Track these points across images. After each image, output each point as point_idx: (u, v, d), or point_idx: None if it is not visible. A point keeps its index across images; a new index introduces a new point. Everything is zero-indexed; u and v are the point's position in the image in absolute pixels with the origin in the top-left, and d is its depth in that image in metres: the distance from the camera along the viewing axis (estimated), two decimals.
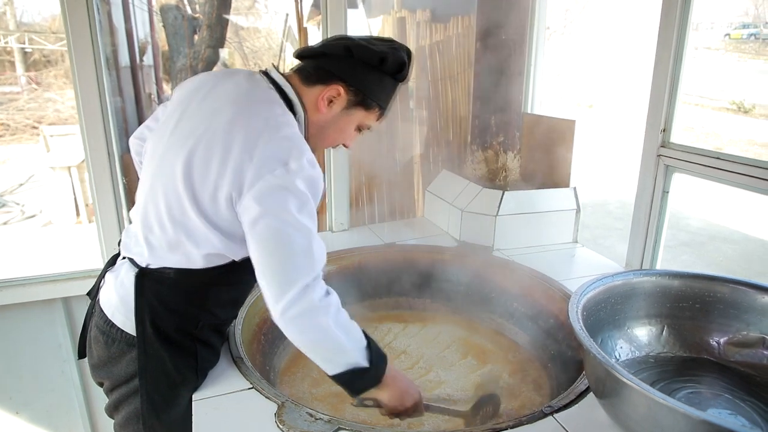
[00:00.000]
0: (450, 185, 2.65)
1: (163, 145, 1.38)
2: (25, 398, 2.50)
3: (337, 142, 1.52)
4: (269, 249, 1.26)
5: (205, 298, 1.42)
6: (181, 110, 1.40)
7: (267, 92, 1.38)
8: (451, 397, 1.74)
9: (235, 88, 1.37)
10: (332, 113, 1.43)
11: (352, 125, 1.48)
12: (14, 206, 7.50)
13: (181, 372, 1.41)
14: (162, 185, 1.33)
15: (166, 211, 1.32)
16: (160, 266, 1.37)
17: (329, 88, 1.39)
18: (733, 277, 1.46)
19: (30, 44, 11.38)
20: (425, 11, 3.19)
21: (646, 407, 1.07)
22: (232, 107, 1.32)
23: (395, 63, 1.40)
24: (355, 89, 1.40)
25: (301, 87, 1.42)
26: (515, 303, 2.12)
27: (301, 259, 1.26)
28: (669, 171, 2.01)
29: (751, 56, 18.57)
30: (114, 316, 1.41)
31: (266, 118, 1.31)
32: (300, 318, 1.25)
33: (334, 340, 1.29)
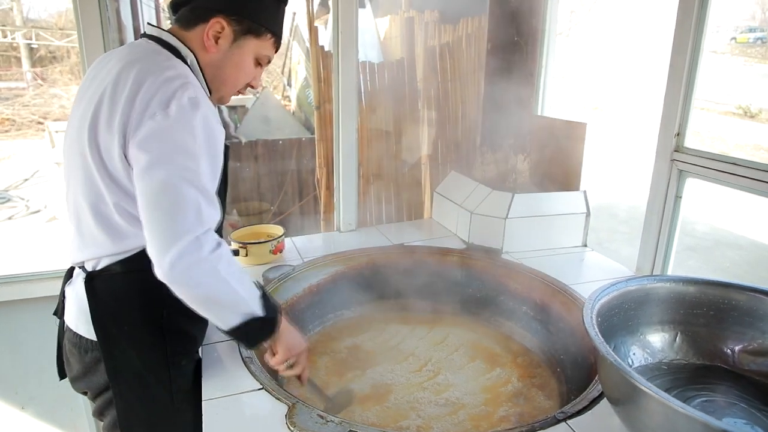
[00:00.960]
0: (459, 187, 2.64)
1: (67, 141, 1.37)
2: (30, 393, 2.50)
3: (239, 80, 1.46)
4: (153, 200, 1.18)
5: (160, 284, 1.21)
6: (77, 101, 1.39)
7: (147, 45, 1.35)
8: (459, 401, 1.72)
9: (117, 54, 1.34)
10: (222, 49, 1.38)
11: (248, 58, 1.42)
12: (19, 201, 7.50)
13: (151, 369, 1.39)
14: (74, 177, 1.32)
15: (86, 196, 1.30)
16: (106, 264, 1.34)
17: (210, 23, 1.34)
18: (749, 284, 1.44)
19: (36, 40, 11.40)
20: (434, 12, 3.18)
21: (664, 415, 1.06)
22: (116, 67, 1.28)
23: None
24: (237, 17, 1.36)
25: (183, 33, 1.37)
26: (524, 306, 2.11)
27: (187, 209, 1.18)
28: (682, 176, 1.99)
29: (758, 60, 18.53)
30: (78, 328, 1.40)
31: (148, 63, 1.27)
32: (189, 271, 1.17)
33: (229, 291, 1.24)
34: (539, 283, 2.10)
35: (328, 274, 2.22)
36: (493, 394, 1.76)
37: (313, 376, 1.83)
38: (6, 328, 2.37)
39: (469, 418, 1.64)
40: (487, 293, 2.21)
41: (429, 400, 1.71)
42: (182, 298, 1.21)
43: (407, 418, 1.63)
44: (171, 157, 1.18)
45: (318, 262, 2.22)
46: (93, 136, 1.26)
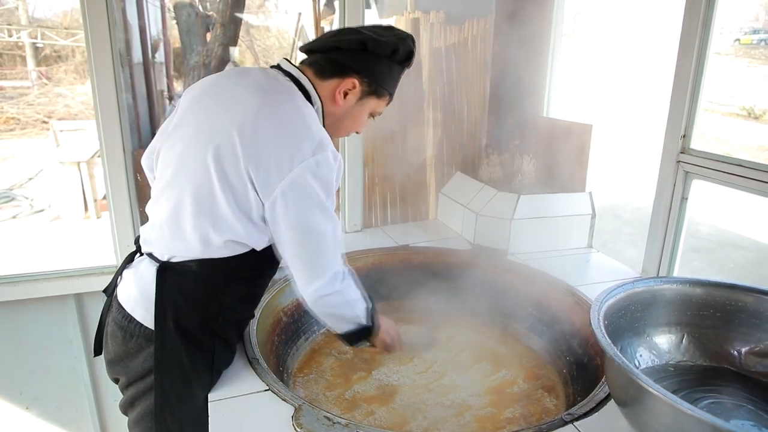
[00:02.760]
0: (464, 188, 2.64)
1: (183, 142, 1.39)
2: (35, 394, 2.51)
3: (351, 130, 1.61)
4: (301, 238, 1.37)
5: (226, 290, 1.43)
6: (197, 110, 1.42)
7: (286, 84, 1.43)
8: (465, 402, 1.72)
9: (255, 82, 1.42)
10: (348, 105, 1.50)
11: (366, 113, 1.56)
12: (23, 200, 7.52)
13: (196, 369, 1.41)
14: (188, 177, 1.34)
15: (194, 203, 1.34)
16: (182, 259, 1.37)
17: (345, 81, 1.46)
18: (756, 286, 1.44)
19: (42, 39, 11.42)
20: (439, 13, 3.18)
21: (671, 417, 1.06)
22: (257, 98, 1.36)
23: (405, 53, 1.49)
24: (369, 80, 1.48)
25: (316, 80, 1.47)
26: (530, 307, 2.11)
27: (329, 248, 1.40)
28: (688, 177, 1.99)
29: (761, 62, 18.47)
30: (134, 311, 1.41)
31: (291, 108, 1.36)
32: (328, 299, 1.43)
33: (351, 311, 1.52)
34: (545, 285, 2.10)
35: None
36: (500, 395, 1.76)
37: (319, 378, 1.84)
38: (10, 327, 2.38)
39: (475, 420, 1.64)
40: (493, 294, 2.20)
41: (435, 402, 1.71)
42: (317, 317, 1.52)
43: (414, 419, 1.63)
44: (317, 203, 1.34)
45: None
46: (219, 163, 1.31)
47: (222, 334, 1.46)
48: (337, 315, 1.52)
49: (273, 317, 1.90)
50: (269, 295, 1.90)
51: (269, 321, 1.86)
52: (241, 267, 1.41)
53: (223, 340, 1.47)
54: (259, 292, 1.61)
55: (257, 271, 1.50)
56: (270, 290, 1.92)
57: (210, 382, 1.46)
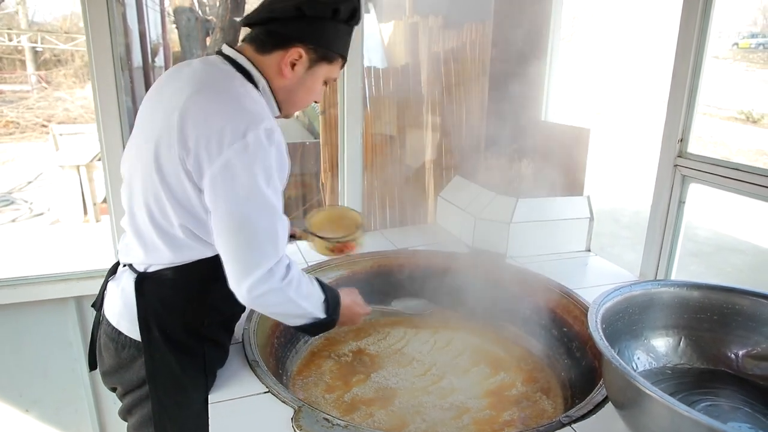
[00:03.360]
0: (463, 191, 2.65)
1: (134, 148, 1.38)
2: (35, 396, 2.51)
3: (308, 101, 1.51)
4: (231, 230, 1.26)
5: (207, 293, 1.41)
6: (143, 110, 1.41)
7: (222, 68, 1.36)
8: (464, 405, 1.73)
9: (190, 72, 1.36)
10: (297, 75, 1.41)
11: (319, 81, 1.47)
12: (22, 204, 7.53)
13: (189, 374, 1.41)
14: (139, 184, 1.34)
15: (147, 208, 1.33)
16: (158, 268, 1.37)
17: (289, 52, 1.37)
18: (753, 289, 1.45)
19: (41, 43, 11.44)
20: (438, 17, 3.20)
21: (669, 419, 1.07)
22: (188, 89, 1.29)
23: (348, 11, 1.39)
24: (315, 47, 1.39)
25: (258, 57, 1.39)
26: (528, 311, 2.11)
27: (264, 242, 1.28)
28: (686, 181, 2.00)
29: (760, 66, 18.53)
30: (119, 324, 1.41)
31: (221, 91, 1.30)
32: (263, 298, 1.31)
33: (298, 308, 1.40)
34: (543, 288, 2.10)
35: (332, 278, 2.22)
36: (498, 398, 1.76)
37: (318, 380, 1.84)
38: (10, 330, 2.38)
39: (473, 422, 1.64)
40: (492, 298, 2.21)
41: (434, 404, 1.72)
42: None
43: (412, 422, 1.64)
44: (250, 190, 1.23)
45: (322, 265, 2.23)
46: (157, 159, 1.28)
47: (210, 335, 1.45)
48: (282, 313, 1.43)
49: (272, 320, 1.90)
50: None
51: (269, 323, 1.86)
52: (217, 268, 1.35)
53: (213, 341, 1.46)
54: None
55: None
56: None
57: (205, 385, 1.45)
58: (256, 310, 1.44)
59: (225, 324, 1.54)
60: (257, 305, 1.35)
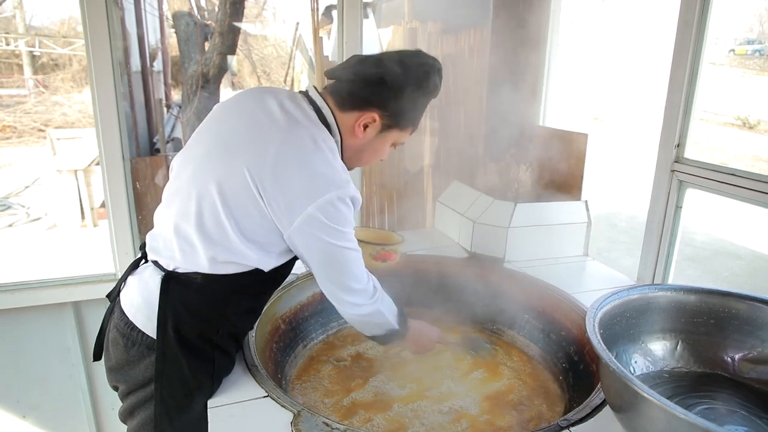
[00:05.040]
0: (461, 196, 2.66)
1: (197, 157, 1.40)
2: (32, 402, 2.50)
3: (372, 161, 1.60)
4: (325, 263, 1.42)
5: (227, 305, 1.43)
6: (219, 123, 1.44)
7: (309, 114, 1.42)
8: (462, 409, 1.73)
9: (278, 108, 1.40)
10: (367, 137, 1.48)
11: (387, 145, 1.54)
12: (20, 208, 7.52)
13: (197, 378, 1.41)
14: (198, 193, 1.35)
15: (200, 218, 1.34)
16: (188, 271, 1.38)
17: (365, 115, 1.43)
18: (749, 293, 1.46)
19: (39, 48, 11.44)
20: (437, 23, 3.21)
21: (666, 422, 1.07)
22: (277, 130, 1.35)
23: (429, 86, 1.46)
24: (390, 114, 1.44)
25: (336, 110, 1.45)
26: (526, 315, 2.12)
27: (353, 265, 1.46)
28: (683, 186, 2.02)
29: (756, 72, 18.62)
30: (135, 317, 1.41)
31: (312, 144, 1.35)
32: (361, 311, 1.53)
33: (382, 319, 1.60)
34: (541, 292, 2.11)
35: None
36: (496, 402, 1.77)
37: (317, 385, 1.85)
38: (8, 336, 2.38)
39: (472, 426, 1.65)
40: (490, 302, 2.22)
41: (432, 409, 1.72)
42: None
43: (411, 426, 1.64)
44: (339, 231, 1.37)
45: None
46: (224, 183, 1.33)
47: (221, 344, 1.46)
48: (371, 323, 1.60)
49: (271, 324, 1.91)
50: (268, 303, 1.91)
51: (268, 328, 1.87)
52: (246, 283, 1.42)
53: (222, 350, 1.47)
54: (260, 307, 1.62)
55: (261, 288, 1.52)
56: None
57: (210, 390, 1.46)
58: (352, 323, 1.60)
59: (235, 336, 1.55)
60: (356, 319, 1.56)
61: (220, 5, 4.12)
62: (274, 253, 1.41)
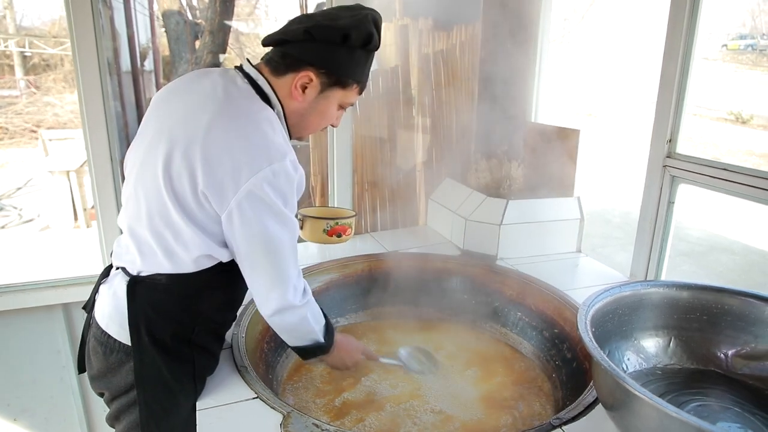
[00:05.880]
0: (453, 194, 2.65)
1: (142, 151, 1.37)
2: (23, 405, 2.48)
3: (321, 125, 1.51)
4: (258, 248, 1.31)
5: (199, 302, 1.41)
6: (157, 114, 1.40)
7: (243, 88, 1.37)
8: (455, 408, 1.72)
9: (210, 86, 1.35)
10: (308, 99, 1.41)
11: (333, 106, 1.46)
12: (12, 210, 7.46)
13: (178, 380, 1.39)
14: (144, 191, 1.33)
15: (150, 217, 1.32)
16: (151, 273, 1.36)
17: (299, 75, 1.37)
18: (742, 289, 1.45)
19: (30, 48, 11.37)
20: (428, 19, 3.19)
21: (658, 420, 1.06)
22: (209, 106, 1.30)
23: (361, 36, 1.35)
24: (326, 71, 1.37)
25: (272, 78, 1.39)
26: (519, 312, 2.11)
27: (287, 258, 1.36)
28: (675, 182, 2.01)
29: (749, 67, 18.67)
30: (108, 327, 1.39)
31: (246, 117, 1.30)
32: (285, 315, 1.41)
33: (308, 328, 1.48)
34: (534, 289, 2.10)
35: (323, 282, 2.21)
36: (489, 400, 1.76)
37: (308, 384, 1.83)
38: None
39: (464, 425, 1.64)
40: (482, 300, 2.21)
41: (424, 408, 1.71)
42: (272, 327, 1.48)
43: (403, 426, 1.63)
44: (275, 213, 1.29)
45: (313, 269, 2.22)
46: (167, 171, 1.28)
47: (200, 343, 1.44)
48: (294, 330, 1.48)
49: (262, 324, 1.89)
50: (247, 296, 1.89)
51: (258, 328, 1.85)
52: (212, 279, 1.39)
53: (202, 348, 1.45)
54: (237, 299, 1.56)
55: (231, 281, 1.46)
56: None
57: (194, 391, 1.44)
58: (274, 325, 1.46)
59: (215, 332, 1.52)
60: (279, 320, 1.43)
61: (210, 3, 4.10)
62: (224, 241, 1.36)
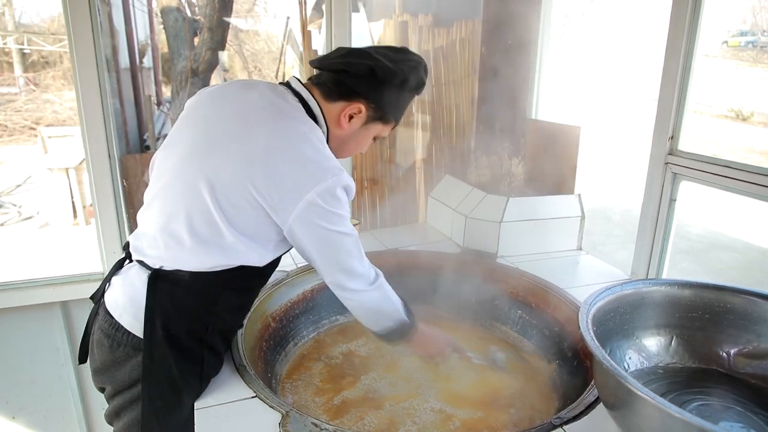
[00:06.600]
0: (453, 191, 2.64)
1: (179, 154, 1.38)
2: (21, 403, 2.47)
3: (354, 152, 1.62)
4: (327, 250, 1.41)
5: (216, 301, 1.41)
6: (199, 119, 1.42)
7: (294, 106, 1.42)
8: (455, 406, 1.71)
9: (261, 101, 1.39)
10: (352, 128, 1.49)
11: (370, 137, 1.57)
12: (11, 207, 7.47)
13: (185, 378, 1.39)
14: (183, 194, 1.33)
15: (189, 217, 1.32)
16: (174, 268, 1.35)
17: (351, 105, 1.45)
18: (745, 287, 1.44)
19: (29, 45, 11.35)
20: (427, 16, 3.18)
21: (660, 420, 1.05)
22: (264, 122, 1.35)
23: (415, 83, 1.49)
24: (375, 106, 1.47)
25: (322, 101, 1.46)
26: (519, 311, 2.10)
27: (354, 252, 1.46)
28: (677, 179, 2.00)
29: (749, 64, 18.65)
30: (121, 317, 1.38)
31: (301, 135, 1.35)
32: (365, 302, 1.52)
33: (390, 309, 1.58)
34: (534, 287, 2.09)
35: (322, 280, 2.20)
36: (489, 399, 1.75)
37: (308, 383, 1.82)
38: None
39: (464, 424, 1.63)
40: (482, 297, 2.20)
41: (424, 407, 1.70)
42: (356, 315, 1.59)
43: (402, 424, 1.62)
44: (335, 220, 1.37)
45: (313, 268, 2.20)
46: (214, 181, 1.31)
47: (210, 343, 1.44)
48: (378, 312, 1.57)
49: (261, 323, 1.88)
50: (257, 301, 1.89)
51: (257, 327, 1.85)
52: (234, 279, 1.40)
53: (211, 348, 1.45)
54: (249, 303, 1.60)
55: (250, 283, 1.50)
56: (258, 296, 1.91)
57: (199, 391, 1.44)
58: (359, 314, 1.57)
59: (225, 334, 1.53)
60: (362, 307, 1.54)
61: (209, 0, 4.08)
62: (269, 247, 1.41)
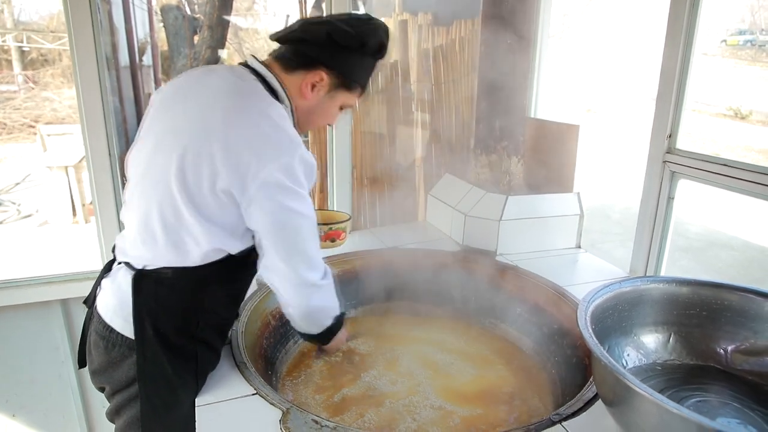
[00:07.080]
0: (453, 189, 2.64)
1: (149, 149, 1.38)
2: (21, 401, 2.48)
3: (322, 123, 1.61)
4: (286, 235, 1.38)
5: (203, 296, 1.41)
6: (165, 111, 1.41)
7: (253, 85, 1.40)
8: (454, 404, 1.72)
9: (220, 83, 1.39)
10: (316, 98, 1.48)
11: (336, 106, 1.54)
12: (10, 205, 7.45)
13: (180, 375, 1.39)
14: (154, 188, 1.33)
15: (161, 212, 1.32)
16: (158, 267, 1.36)
17: (312, 73, 1.44)
18: (742, 284, 1.45)
19: (28, 43, 11.33)
20: (427, 14, 3.18)
21: (658, 416, 1.06)
22: (221, 103, 1.34)
23: (376, 45, 1.45)
24: (337, 73, 1.45)
25: (282, 74, 1.45)
26: (518, 308, 2.11)
27: (310, 238, 1.44)
28: (675, 177, 2.01)
29: (748, 62, 18.66)
30: (113, 321, 1.39)
31: (258, 112, 1.33)
32: (310, 293, 1.50)
33: (330, 309, 1.61)
34: (533, 285, 2.10)
35: None
36: (488, 396, 1.76)
37: (308, 380, 1.83)
38: None
39: (463, 421, 1.64)
40: (482, 295, 2.21)
41: (424, 404, 1.71)
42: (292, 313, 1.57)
43: (403, 421, 1.63)
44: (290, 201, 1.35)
45: None
46: (181, 170, 1.29)
47: (203, 338, 1.44)
48: (316, 312, 1.58)
49: (261, 320, 1.89)
50: (257, 299, 1.89)
51: (257, 324, 1.85)
52: (219, 272, 1.40)
53: (205, 344, 1.45)
54: (240, 294, 1.59)
55: (236, 275, 1.49)
56: (258, 293, 1.91)
57: (196, 387, 1.44)
58: (299, 306, 1.53)
59: (218, 328, 1.53)
60: (303, 298, 1.50)
61: None
62: (237, 234, 1.39)
